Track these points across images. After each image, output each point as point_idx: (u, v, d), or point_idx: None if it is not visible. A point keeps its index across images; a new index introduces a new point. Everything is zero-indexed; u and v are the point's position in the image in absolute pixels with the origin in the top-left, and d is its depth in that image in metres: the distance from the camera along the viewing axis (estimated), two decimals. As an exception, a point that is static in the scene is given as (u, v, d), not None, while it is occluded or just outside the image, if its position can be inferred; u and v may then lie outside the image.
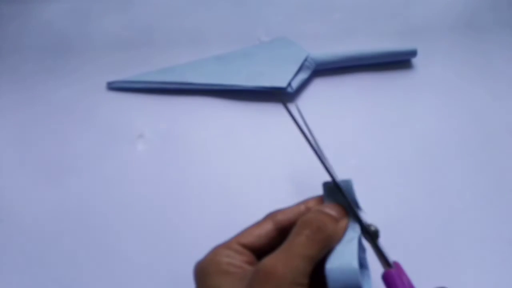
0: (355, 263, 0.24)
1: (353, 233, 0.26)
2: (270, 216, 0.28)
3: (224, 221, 0.38)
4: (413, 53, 0.48)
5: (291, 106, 0.31)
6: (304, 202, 0.30)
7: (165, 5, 0.57)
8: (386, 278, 0.26)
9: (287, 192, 0.40)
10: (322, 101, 0.46)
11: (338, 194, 0.28)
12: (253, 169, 0.42)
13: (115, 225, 0.39)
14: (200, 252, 0.27)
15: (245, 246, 0.26)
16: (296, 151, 0.43)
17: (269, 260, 0.23)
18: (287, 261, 0.23)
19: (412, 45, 0.48)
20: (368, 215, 0.28)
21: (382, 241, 0.27)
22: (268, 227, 0.28)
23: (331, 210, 0.27)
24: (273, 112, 0.46)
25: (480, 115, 0.45)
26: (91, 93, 0.48)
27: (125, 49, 0.53)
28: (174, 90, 0.48)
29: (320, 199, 0.29)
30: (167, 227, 0.38)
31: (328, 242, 0.25)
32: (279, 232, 0.27)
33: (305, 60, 0.47)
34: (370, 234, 0.27)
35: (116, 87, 0.49)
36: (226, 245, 0.26)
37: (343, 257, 0.24)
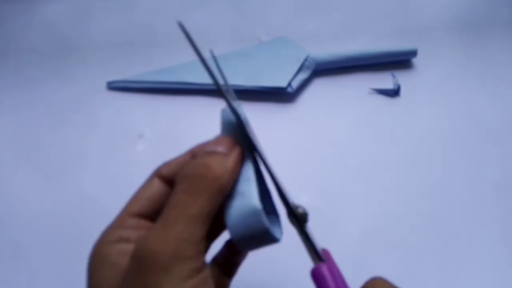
0: (256, 202, 0.20)
1: (250, 168, 0.22)
2: (155, 173, 0.24)
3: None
4: (413, 53, 0.48)
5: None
6: (191, 150, 0.25)
7: (165, 5, 0.57)
8: (315, 275, 0.21)
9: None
10: (322, 101, 0.46)
11: (235, 127, 0.23)
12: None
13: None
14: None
15: (139, 215, 0.22)
16: (296, 151, 0.43)
17: (144, 239, 0.19)
18: (165, 233, 0.18)
19: (412, 45, 0.48)
20: (291, 194, 0.23)
21: (382, 241, 0.27)
22: (156, 186, 0.23)
23: (216, 145, 0.22)
24: (273, 112, 0.46)
25: (480, 115, 0.45)
26: (92, 93, 0.49)
27: (126, 49, 0.53)
28: (174, 90, 0.48)
29: (208, 144, 0.24)
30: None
31: (216, 187, 0.20)
32: (170, 189, 0.23)
33: (305, 60, 0.47)
34: (297, 218, 0.22)
35: (116, 87, 0.49)
36: (117, 224, 0.22)
37: (242, 199, 0.20)
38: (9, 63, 0.52)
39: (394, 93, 0.46)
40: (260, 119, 0.46)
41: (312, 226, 0.28)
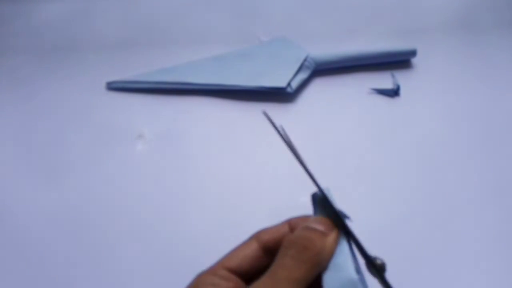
0: (353, 274, 0.23)
1: (344, 244, 0.25)
2: (254, 236, 0.27)
3: (224, 221, 0.38)
4: (413, 53, 0.48)
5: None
6: (288, 221, 0.28)
7: (165, 5, 0.57)
8: None
9: (287, 192, 0.40)
10: (322, 101, 0.46)
11: (326, 206, 0.27)
12: (252, 169, 0.42)
13: (114, 225, 0.39)
14: (199, 252, 0.27)
15: (231, 270, 0.25)
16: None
17: (253, 286, 0.22)
18: (273, 286, 0.22)
19: (412, 45, 0.48)
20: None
21: (382, 241, 0.27)
22: (253, 247, 0.26)
23: (317, 224, 0.25)
24: (273, 112, 0.46)
25: (480, 115, 0.45)
26: (91, 93, 0.49)
27: (125, 49, 0.53)
28: (174, 90, 0.48)
29: (304, 218, 0.28)
30: (166, 226, 0.38)
31: (317, 260, 0.23)
32: (265, 253, 0.26)
33: (305, 60, 0.47)
34: (377, 268, 0.25)
35: (116, 87, 0.49)
36: (211, 271, 0.25)
37: (340, 271, 0.23)
38: (9, 63, 0.52)
39: (393, 93, 0.46)
40: (260, 119, 0.46)
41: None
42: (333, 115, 0.45)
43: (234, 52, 0.50)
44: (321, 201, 0.27)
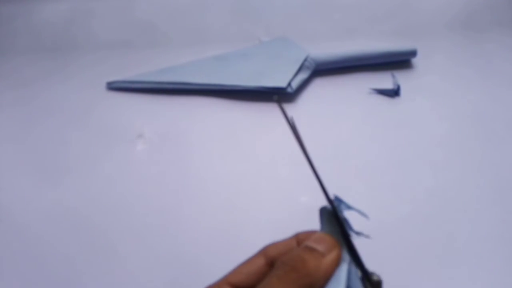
0: None
1: (344, 270, 0.24)
2: (262, 251, 0.27)
3: (224, 221, 0.38)
4: (413, 53, 0.48)
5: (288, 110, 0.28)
6: (296, 235, 0.28)
7: (165, 5, 0.57)
8: None
9: (287, 192, 0.40)
10: (322, 101, 0.46)
11: (333, 220, 0.26)
12: (252, 168, 0.42)
13: (114, 224, 0.39)
14: (199, 252, 0.27)
15: (235, 286, 0.25)
16: (296, 151, 0.43)
17: None
18: None
19: (412, 45, 0.48)
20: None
21: (382, 241, 0.27)
22: (259, 263, 0.26)
23: (317, 243, 0.24)
24: (273, 112, 0.46)
25: (480, 115, 0.45)
26: (91, 93, 0.49)
27: (126, 49, 0.53)
28: (174, 90, 0.48)
29: (311, 232, 0.27)
30: (166, 226, 0.38)
31: (307, 282, 0.22)
32: (271, 268, 0.26)
33: (305, 60, 0.47)
34: (373, 285, 0.24)
35: (116, 87, 0.49)
36: (216, 287, 0.25)
37: None
38: (9, 63, 0.52)
39: (394, 93, 0.46)
40: (260, 119, 0.46)
41: (312, 226, 0.28)
42: (333, 115, 0.45)
43: (234, 52, 0.50)
44: (328, 215, 0.26)
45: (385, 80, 0.48)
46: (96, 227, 0.39)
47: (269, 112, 0.46)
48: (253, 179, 0.41)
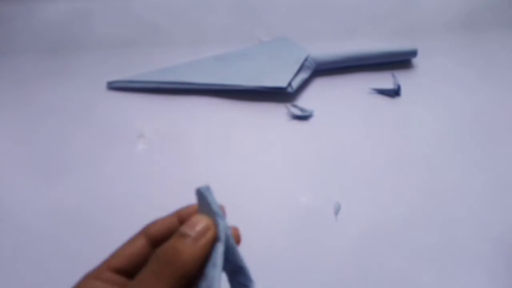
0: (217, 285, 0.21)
1: (220, 252, 0.23)
2: (143, 230, 0.26)
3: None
4: (413, 53, 0.48)
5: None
6: (177, 211, 0.26)
7: (165, 5, 0.57)
8: None
9: (287, 192, 0.40)
10: (322, 101, 0.46)
11: (207, 201, 0.25)
12: (252, 168, 0.42)
13: (114, 224, 0.39)
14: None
15: (117, 270, 0.24)
16: (296, 151, 0.43)
17: None
18: None
19: (412, 45, 0.48)
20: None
21: (382, 241, 0.27)
22: (140, 243, 0.25)
23: (190, 228, 0.23)
24: (273, 112, 0.46)
25: (480, 115, 0.45)
26: (91, 92, 0.48)
27: (126, 49, 0.53)
28: (174, 90, 0.48)
29: (191, 207, 0.26)
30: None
31: (181, 273, 0.21)
32: (153, 247, 0.25)
33: (305, 60, 0.47)
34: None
35: (116, 86, 0.49)
36: (94, 274, 0.23)
37: (206, 282, 0.21)
38: (9, 63, 0.52)
39: (394, 93, 0.46)
40: (260, 119, 0.46)
41: (312, 226, 0.28)
42: (334, 114, 0.45)
43: (235, 52, 0.50)
44: (201, 195, 0.25)
45: (385, 80, 0.48)
46: (96, 227, 0.39)
47: (269, 112, 0.46)
48: (253, 179, 0.41)
